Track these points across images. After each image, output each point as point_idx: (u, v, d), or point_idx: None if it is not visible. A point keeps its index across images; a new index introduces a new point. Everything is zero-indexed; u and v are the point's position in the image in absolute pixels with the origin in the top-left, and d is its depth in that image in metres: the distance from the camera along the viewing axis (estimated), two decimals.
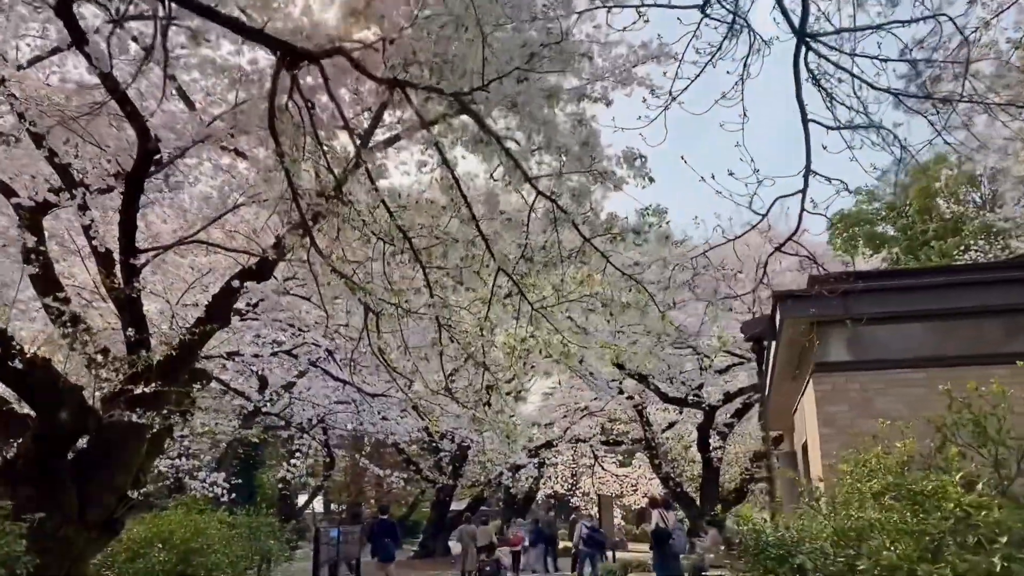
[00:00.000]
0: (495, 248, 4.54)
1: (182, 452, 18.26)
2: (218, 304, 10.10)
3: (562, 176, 4.23)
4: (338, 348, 14.37)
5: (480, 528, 22.13)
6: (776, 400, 12.23)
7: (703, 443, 21.81)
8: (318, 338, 13.52)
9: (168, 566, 12.19)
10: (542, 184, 4.36)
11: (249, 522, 14.19)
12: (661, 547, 12.80)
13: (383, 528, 14.01)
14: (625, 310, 4.85)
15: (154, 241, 9.84)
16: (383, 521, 13.94)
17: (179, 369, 9.78)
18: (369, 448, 33.64)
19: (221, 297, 10.11)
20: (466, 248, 4.65)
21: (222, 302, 10.10)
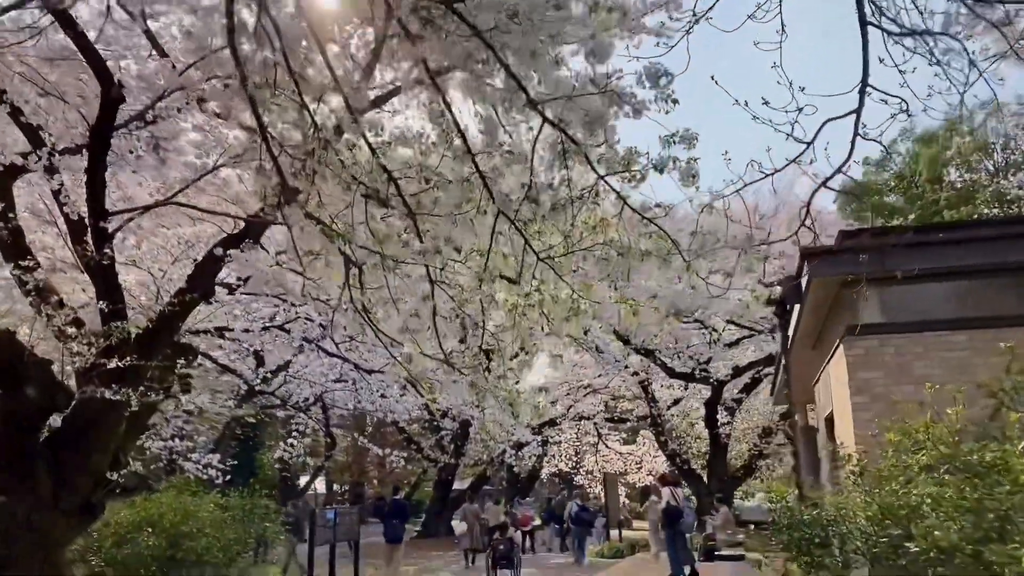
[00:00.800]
0: (495, 189, 3.91)
1: (176, 433, 17.73)
2: (200, 273, 9.49)
3: (572, 99, 3.59)
4: (333, 323, 13.80)
5: (491, 508, 21.83)
6: (793, 372, 11.64)
7: (711, 419, 21.28)
8: (311, 312, 12.92)
9: (157, 551, 11.66)
10: (549, 111, 3.72)
11: (242, 504, 13.62)
12: (673, 526, 12.27)
13: (395, 508, 13.48)
14: (645, 259, 4.23)
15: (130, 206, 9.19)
16: (395, 501, 13.31)
17: (159, 343, 9.19)
18: (371, 428, 33.21)
19: (203, 266, 9.49)
20: (461, 190, 4.02)
21: (204, 271, 9.48)
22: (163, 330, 9.32)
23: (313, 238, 3.78)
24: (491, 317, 4.37)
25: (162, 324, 9.34)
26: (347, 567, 14.21)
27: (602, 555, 17.77)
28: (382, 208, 4.17)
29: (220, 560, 12.02)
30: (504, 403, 4.53)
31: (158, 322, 9.35)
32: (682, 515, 12.39)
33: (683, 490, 14.08)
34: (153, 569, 11.76)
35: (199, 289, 9.64)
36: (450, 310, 4.45)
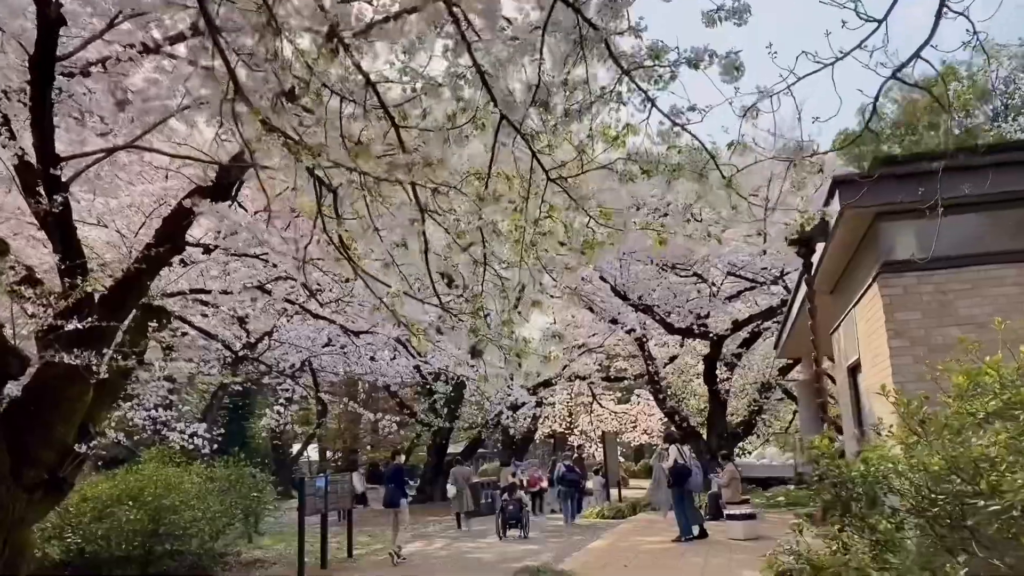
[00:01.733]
0: (496, 88, 3.20)
1: (160, 403, 17.05)
2: (169, 228, 8.73)
3: None
4: (317, 283, 13.07)
5: (503, 470, 22.00)
6: (801, 323, 11.03)
7: (710, 375, 20.76)
8: (292, 272, 12.18)
9: (139, 526, 11.08)
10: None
11: (228, 475, 13.02)
12: (682, 485, 11.78)
13: (392, 474, 13.14)
14: (676, 174, 3.54)
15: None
16: (394, 467, 13.24)
17: (126, 303, 8.47)
18: (363, 394, 32.67)
19: (173, 220, 8.74)
20: (454, 92, 3.31)
21: (174, 225, 8.73)
22: (130, 290, 8.59)
23: (273, 151, 3.06)
24: (493, 250, 3.68)
25: (129, 283, 8.61)
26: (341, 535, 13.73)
27: (603, 516, 17.33)
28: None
29: (206, 533, 11.44)
30: (510, 354, 3.85)
31: (124, 281, 8.62)
32: (691, 474, 11.89)
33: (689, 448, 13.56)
34: (136, 544, 11.19)
35: (169, 244, 8.90)
36: (444, 246, 3.76)
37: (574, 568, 8.80)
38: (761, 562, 8.95)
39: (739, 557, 9.44)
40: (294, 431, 37.75)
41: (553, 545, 12.91)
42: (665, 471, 12.15)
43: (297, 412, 36.24)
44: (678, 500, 11.90)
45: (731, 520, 11.35)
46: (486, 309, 3.95)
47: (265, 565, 12.61)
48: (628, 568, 8.99)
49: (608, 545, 11.59)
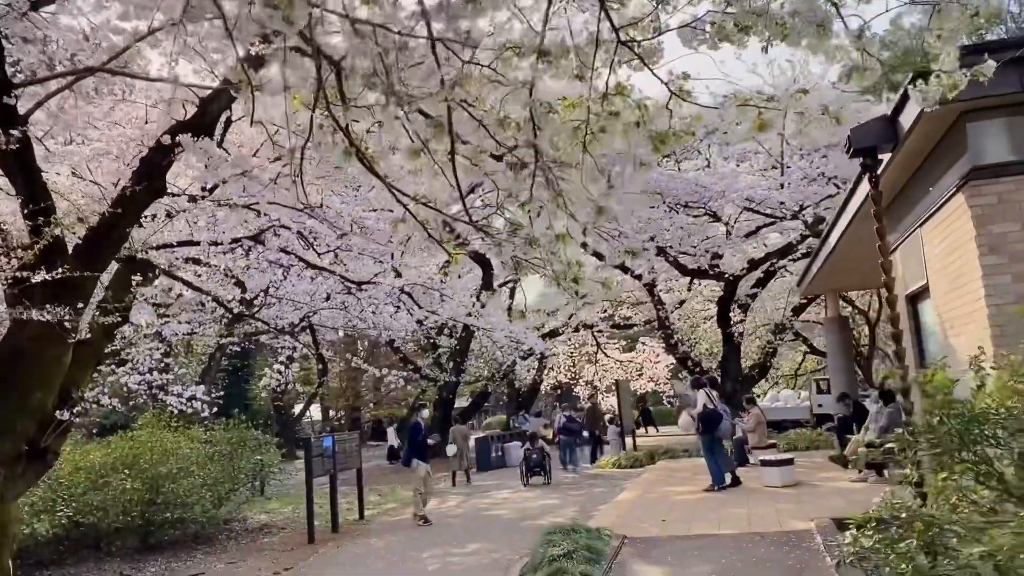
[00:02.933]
0: None
1: (154, 366, 16.31)
2: (148, 167, 7.86)
3: None
4: (313, 233, 12.21)
5: (532, 419, 22.25)
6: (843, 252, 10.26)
7: (723, 317, 20.03)
8: (286, 219, 11.32)
9: (135, 495, 10.40)
10: None
11: (228, 438, 12.31)
12: (712, 431, 11.12)
13: (410, 431, 12.11)
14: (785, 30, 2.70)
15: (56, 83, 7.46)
16: (414, 424, 12.03)
17: (103, 252, 7.62)
18: (364, 352, 32.01)
19: (151, 158, 7.87)
20: None
21: (153, 164, 7.85)
22: (107, 238, 7.74)
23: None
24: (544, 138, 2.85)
25: (105, 230, 7.75)
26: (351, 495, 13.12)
27: (619, 465, 16.74)
28: None
29: (208, 501, 10.76)
30: (565, 278, 3.05)
31: (100, 228, 7.77)
32: (721, 419, 11.22)
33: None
34: (134, 514, 10.53)
35: (147, 185, 8.03)
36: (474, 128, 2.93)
37: (609, 524, 8.13)
38: (806, 510, 8.31)
39: (784, 507, 8.78)
40: (296, 391, 37.25)
41: (574, 498, 12.30)
42: (694, 417, 11.48)
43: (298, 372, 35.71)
44: (708, 447, 11.26)
45: (767, 467, 10.70)
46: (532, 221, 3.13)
47: (273, 530, 11.99)
48: (667, 522, 8.33)
49: (636, 497, 10.95)
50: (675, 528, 7.94)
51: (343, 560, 8.87)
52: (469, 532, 9.99)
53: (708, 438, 11.23)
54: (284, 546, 10.46)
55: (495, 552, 8.34)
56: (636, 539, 7.44)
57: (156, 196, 8.15)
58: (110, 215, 7.67)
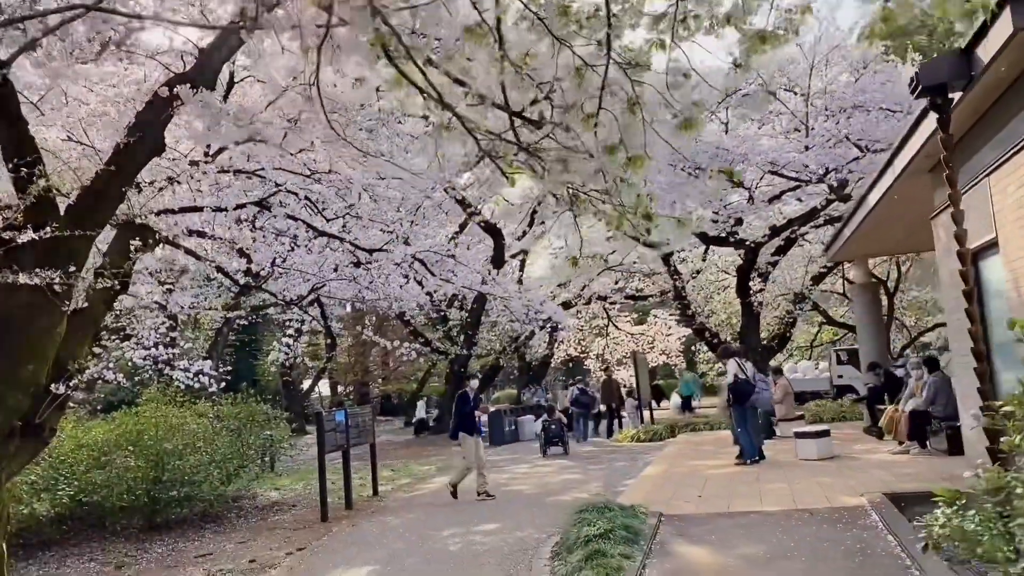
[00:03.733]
0: None
1: (160, 340, 15.85)
2: (145, 121, 7.32)
3: None
4: (322, 199, 11.66)
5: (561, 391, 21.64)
6: (883, 213, 9.67)
7: (743, 287, 19.45)
8: (291, 184, 10.78)
9: (140, 472, 9.95)
10: None
11: (236, 412, 11.84)
12: (743, 403, 10.62)
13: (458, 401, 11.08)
14: None
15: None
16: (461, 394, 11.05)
17: (96, 212, 7.09)
18: (373, 327, 31.54)
19: (148, 112, 7.33)
20: None
21: (150, 118, 7.31)
22: (102, 197, 7.22)
23: None
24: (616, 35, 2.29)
25: (99, 188, 7.23)
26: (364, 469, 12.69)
27: (638, 439, 16.27)
28: None
29: (215, 478, 10.31)
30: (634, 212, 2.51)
31: (94, 186, 7.24)
32: (752, 390, 10.70)
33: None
34: (139, 493, 10.09)
35: (145, 142, 7.49)
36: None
37: (640, 500, 7.63)
38: (852, 484, 7.80)
39: (827, 480, 8.27)
40: (305, 366, 36.90)
41: (596, 473, 11.84)
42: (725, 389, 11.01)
43: (306, 346, 35.31)
44: (740, 419, 10.75)
45: (802, 439, 10.17)
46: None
47: (284, 508, 11.57)
48: (703, 498, 7.83)
49: (663, 472, 10.47)
50: (713, 504, 7.44)
51: (358, 539, 8.41)
52: (490, 509, 9.52)
53: (739, 410, 10.71)
54: (296, 524, 10.02)
55: (519, 531, 7.86)
56: (673, 517, 6.94)
57: (154, 153, 7.60)
58: (104, 172, 7.15)
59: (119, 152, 7.25)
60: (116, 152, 7.25)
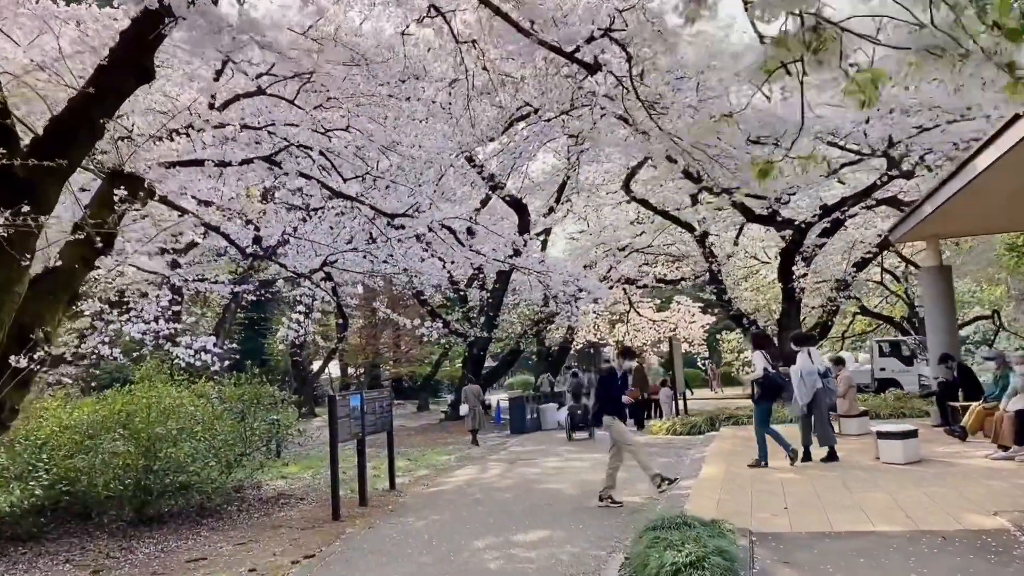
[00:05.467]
0: None
1: (160, 314, 14.66)
2: (127, 47, 6.05)
3: None
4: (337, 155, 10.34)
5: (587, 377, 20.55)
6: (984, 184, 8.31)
7: (785, 271, 18.08)
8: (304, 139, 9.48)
9: (128, 459, 8.75)
10: None
11: (240, 394, 10.61)
12: (772, 400, 9.84)
13: (601, 382, 9.24)
14: None
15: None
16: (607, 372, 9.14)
17: (69, 147, 5.83)
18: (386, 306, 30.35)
19: (133, 32, 6.07)
20: None
21: (133, 43, 6.04)
22: (73, 128, 5.94)
23: None
24: None
25: (73, 119, 5.97)
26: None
27: (674, 431, 14.99)
28: None
29: (213, 468, 9.08)
30: None
31: (67, 116, 5.98)
32: (781, 386, 9.56)
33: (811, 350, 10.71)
34: (128, 482, 8.89)
35: (125, 69, 6.23)
36: None
37: (715, 512, 6.35)
38: (972, 497, 6.50)
39: (934, 491, 6.95)
40: (316, 346, 35.73)
41: (639, 471, 10.55)
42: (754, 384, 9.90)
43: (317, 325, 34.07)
44: (763, 418, 9.69)
45: (885, 439, 8.84)
46: None
47: (291, 501, 10.37)
48: (791, 510, 6.53)
49: (722, 473, 9.16)
50: (808, 520, 6.14)
51: (376, 547, 7.17)
52: (527, 513, 8.25)
53: (765, 408, 9.72)
54: (304, 522, 8.81)
55: (570, 544, 6.60)
56: (766, 536, 5.65)
57: (140, 80, 6.31)
58: (81, 98, 5.87)
59: (98, 75, 5.97)
60: (97, 76, 5.97)
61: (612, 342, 34.44)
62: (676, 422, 15.48)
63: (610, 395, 8.72)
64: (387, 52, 10.35)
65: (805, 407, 9.57)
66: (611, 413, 8.64)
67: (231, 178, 14.28)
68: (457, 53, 9.73)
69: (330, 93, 10.19)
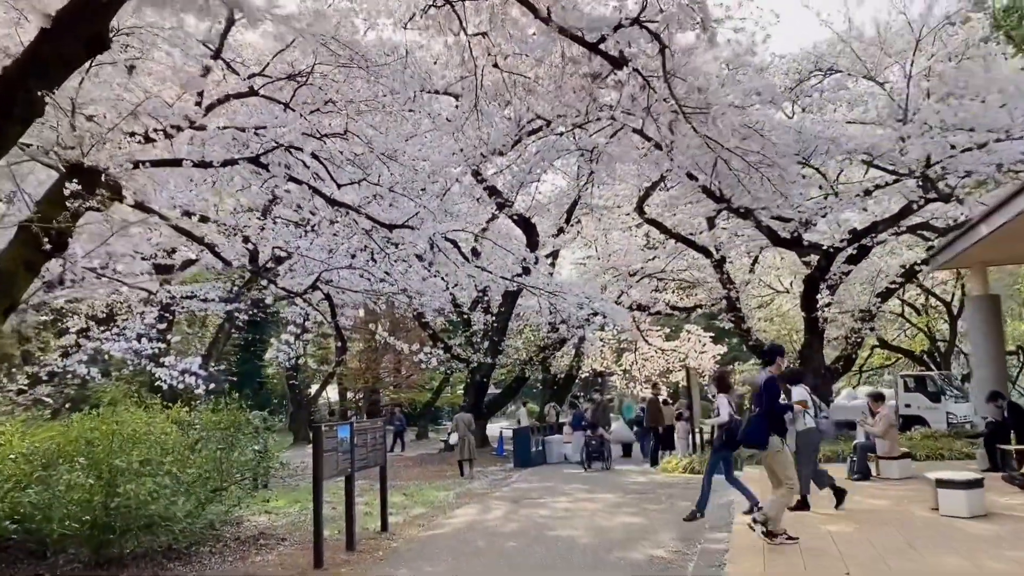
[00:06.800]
0: None
1: (143, 332, 13.68)
2: (76, 9, 5.12)
3: None
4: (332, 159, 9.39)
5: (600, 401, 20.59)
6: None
7: (809, 300, 17.05)
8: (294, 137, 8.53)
9: (86, 493, 7.71)
10: None
11: (216, 422, 9.55)
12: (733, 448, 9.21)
13: (765, 388, 7.25)
14: None
15: None
16: (768, 379, 7.29)
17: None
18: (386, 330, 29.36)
19: None
20: None
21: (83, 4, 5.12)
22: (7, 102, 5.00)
23: None
24: None
25: (5, 92, 5.03)
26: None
27: (692, 470, 13.87)
28: None
29: (179, 507, 8.00)
30: None
31: None
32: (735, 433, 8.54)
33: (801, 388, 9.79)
34: (85, 519, 7.83)
35: (78, 31, 5.29)
36: None
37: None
38: None
39: (1020, 555, 5.89)
40: (312, 370, 34.67)
41: (658, 516, 9.50)
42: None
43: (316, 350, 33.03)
44: (713, 466, 9.04)
45: (946, 488, 7.75)
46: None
47: (271, 541, 9.29)
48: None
49: None
50: None
51: None
52: (542, 568, 7.16)
53: (723, 456, 9.09)
54: (283, 570, 7.74)
55: None
56: None
57: (93, 50, 5.35)
58: (17, 67, 4.93)
59: (40, 41, 5.02)
60: (36, 41, 5.02)
61: (619, 371, 33.35)
62: (694, 459, 14.37)
63: (774, 409, 7.18)
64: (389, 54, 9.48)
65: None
66: (780, 433, 7.19)
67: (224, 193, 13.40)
68: (467, 50, 8.81)
69: (327, 96, 9.31)
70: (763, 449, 7.20)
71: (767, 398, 7.14)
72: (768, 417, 7.09)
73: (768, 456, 7.17)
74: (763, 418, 7.12)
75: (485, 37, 8.13)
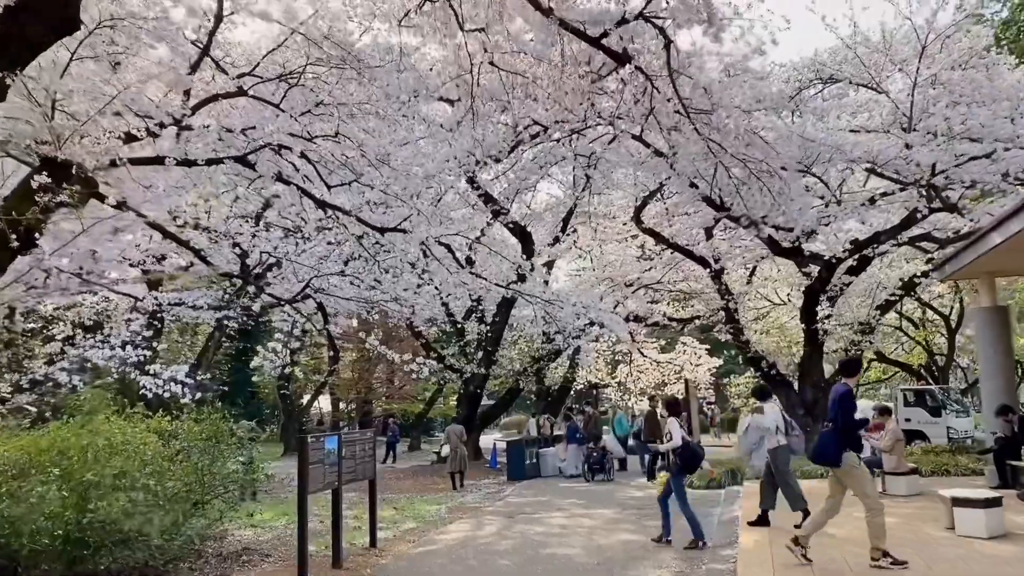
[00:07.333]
0: None
1: (129, 340, 13.29)
2: None
3: None
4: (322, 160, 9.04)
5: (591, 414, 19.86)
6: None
7: (809, 311, 16.73)
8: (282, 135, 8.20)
9: (59, 507, 7.31)
10: None
11: (196, 434, 9.14)
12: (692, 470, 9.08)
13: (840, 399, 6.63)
14: None
15: None
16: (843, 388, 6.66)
17: None
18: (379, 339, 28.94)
19: None
20: None
21: None
22: None
23: None
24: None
25: None
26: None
27: (691, 484, 13.46)
28: None
29: (155, 524, 7.59)
30: None
31: None
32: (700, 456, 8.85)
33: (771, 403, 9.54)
34: (59, 535, 7.43)
35: (46, 11, 4.96)
36: None
37: None
38: None
39: None
40: (306, 379, 34.19)
41: (658, 532, 9.11)
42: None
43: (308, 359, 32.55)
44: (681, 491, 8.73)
45: (962, 507, 7.39)
46: None
47: (254, 558, 8.90)
48: None
49: (766, 541, 7.70)
50: None
51: None
52: None
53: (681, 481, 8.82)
54: None
55: None
56: None
57: (61, 32, 5.02)
58: None
59: (3, 20, 4.68)
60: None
61: (614, 383, 32.98)
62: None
63: (849, 421, 6.57)
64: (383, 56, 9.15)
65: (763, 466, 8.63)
66: (856, 449, 6.64)
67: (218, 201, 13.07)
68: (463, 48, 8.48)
69: (319, 98, 8.99)
70: (837, 467, 6.56)
71: (842, 412, 6.59)
72: (842, 432, 6.54)
73: (842, 474, 6.60)
74: (836, 433, 6.57)
75: (482, 33, 7.81)
